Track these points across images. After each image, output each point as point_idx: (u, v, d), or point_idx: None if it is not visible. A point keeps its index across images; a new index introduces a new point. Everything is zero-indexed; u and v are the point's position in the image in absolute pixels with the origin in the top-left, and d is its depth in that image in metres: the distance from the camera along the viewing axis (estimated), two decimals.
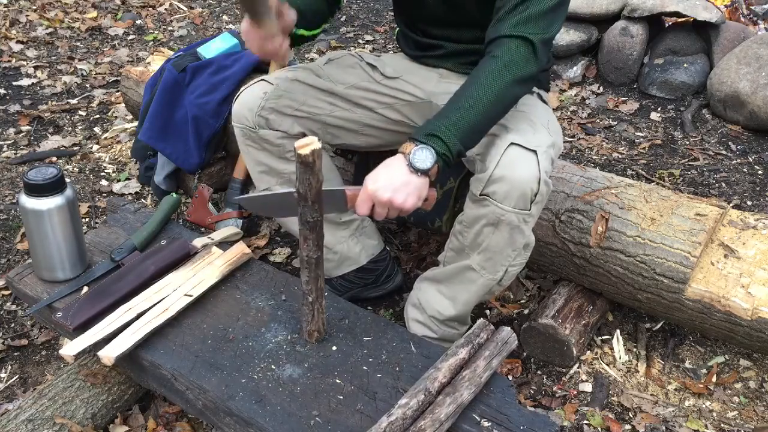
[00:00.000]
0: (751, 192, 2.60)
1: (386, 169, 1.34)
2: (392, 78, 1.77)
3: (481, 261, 1.55)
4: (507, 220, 1.46)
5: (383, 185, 1.32)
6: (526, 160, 1.43)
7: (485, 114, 1.39)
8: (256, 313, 1.54)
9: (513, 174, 1.42)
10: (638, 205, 1.78)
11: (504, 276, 1.58)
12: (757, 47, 3.02)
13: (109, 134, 2.92)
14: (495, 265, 1.55)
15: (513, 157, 1.43)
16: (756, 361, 1.87)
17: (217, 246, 1.72)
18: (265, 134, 1.68)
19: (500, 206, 1.45)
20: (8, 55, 3.55)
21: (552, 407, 1.74)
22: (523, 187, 1.42)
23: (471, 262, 1.57)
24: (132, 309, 1.51)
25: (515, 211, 1.45)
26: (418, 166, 1.32)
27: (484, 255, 1.54)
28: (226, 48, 2.40)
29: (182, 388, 1.41)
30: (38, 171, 1.55)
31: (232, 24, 4.11)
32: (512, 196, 1.43)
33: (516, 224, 1.47)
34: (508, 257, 1.54)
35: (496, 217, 1.46)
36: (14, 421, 1.46)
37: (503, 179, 1.43)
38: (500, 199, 1.44)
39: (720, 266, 1.67)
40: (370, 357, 1.44)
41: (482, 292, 1.62)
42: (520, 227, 1.48)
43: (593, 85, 3.41)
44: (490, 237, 1.50)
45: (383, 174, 1.33)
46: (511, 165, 1.43)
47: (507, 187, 1.43)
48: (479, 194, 1.47)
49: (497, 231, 1.49)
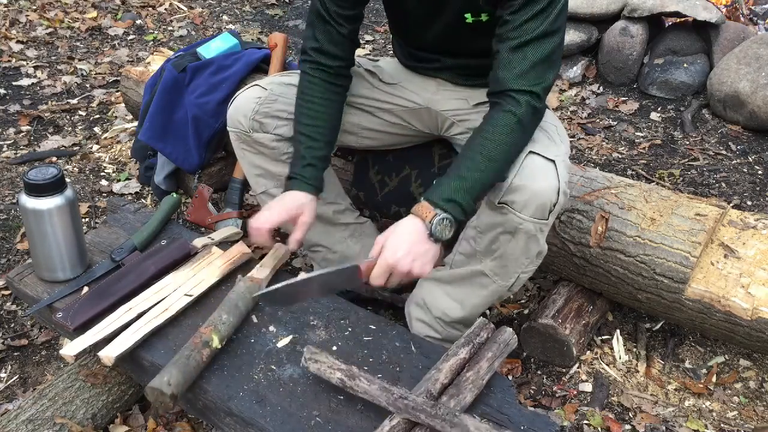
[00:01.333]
0: (751, 192, 2.60)
1: (405, 237, 1.32)
2: (390, 84, 1.77)
3: (495, 267, 1.55)
4: (525, 229, 1.45)
5: (403, 256, 1.30)
6: (546, 170, 1.43)
7: (498, 171, 1.40)
8: (256, 313, 1.54)
9: (533, 184, 1.41)
10: (638, 205, 1.78)
11: (515, 283, 1.58)
12: (757, 47, 3.02)
13: (109, 134, 2.92)
14: (508, 272, 1.55)
15: (533, 166, 1.42)
16: (756, 361, 1.87)
17: (217, 246, 1.72)
18: (260, 137, 1.69)
19: (519, 215, 1.43)
20: (8, 55, 3.55)
21: (552, 407, 1.74)
22: (543, 198, 1.42)
23: (483, 267, 1.56)
24: (132, 309, 1.51)
25: (533, 220, 1.44)
26: (439, 237, 1.32)
27: (498, 262, 1.54)
28: (226, 48, 2.40)
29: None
30: (38, 171, 1.54)
31: (232, 24, 4.11)
32: (531, 206, 1.42)
33: (533, 233, 1.46)
34: (521, 265, 1.54)
35: (513, 225, 1.45)
36: (14, 421, 1.46)
37: (523, 188, 1.41)
38: (519, 209, 1.43)
39: (720, 266, 1.67)
40: (370, 357, 1.44)
41: (493, 298, 1.62)
42: (536, 236, 1.48)
43: (593, 85, 3.41)
44: (506, 245, 1.50)
45: (404, 244, 1.31)
46: (532, 175, 1.42)
47: (527, 197, 1.42)
48: (498, 202, 1.45)
49: (514, 239, 1.48)
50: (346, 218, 1.88)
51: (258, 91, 1.69)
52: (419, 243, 1.31)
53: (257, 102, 1.67)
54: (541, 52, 1.38)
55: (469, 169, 1.36)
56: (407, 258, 1.30)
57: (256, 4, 4.41)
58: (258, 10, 4.33)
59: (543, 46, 1.37)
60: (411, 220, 1.34)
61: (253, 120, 1.67)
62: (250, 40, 3.72)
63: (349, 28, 1.59)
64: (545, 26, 1.36)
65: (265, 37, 3.92)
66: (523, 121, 1.39)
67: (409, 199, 1.87)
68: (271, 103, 1.68)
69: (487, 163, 1.37)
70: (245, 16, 4.25)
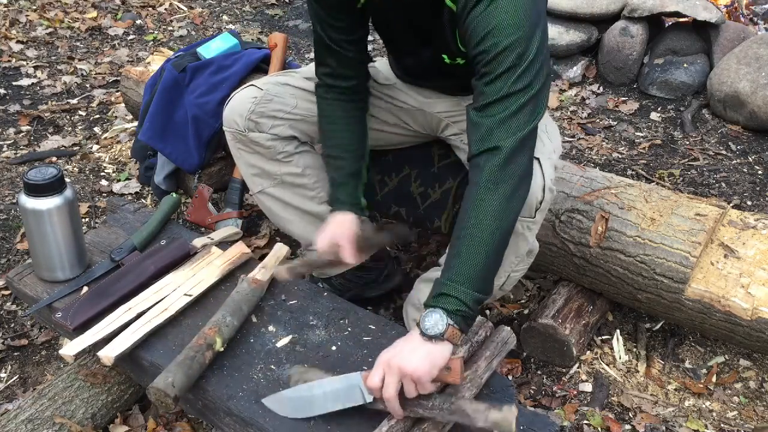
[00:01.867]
0: (751, 192, 2.60)
1: (402, 340, 1.25)
2: (385, 85, 1.77)
3: None
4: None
5: (394, 353, 1.22)
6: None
7: (495, 251, 1.27)
8: (256, 313, 1.54)
9: None
10: (638, 205, 1.78)
11: (506, 282, 1.58)
12: (757, 47, 3.02)
13: (109, 134, 2.92)
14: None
15: None
16: (756, 361, 1.87)
17: (217, 246, 1.72)
18: (255, 137, 1.69)
19: None
20: (8, 55, 3.55)
21: (552, 407, 1.74)
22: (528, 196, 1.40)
23: None
24: (132, 309, 1.51)
25: (519, 218, 1.43)
26: (430, 333, 1.20)
27: None
28: (226, 48, 2.40)
29: None
30: (38, 171, 1.54)
31: (232, 24, 4.11)
32: None
33: (520, 231, 1.46)
34: (511, 264, 1.54)
35: None
36: (14, 421, 1.46)
37: None
38: None
39: (720, 266, 1.67)
40: (370, 357, 1.43)
41: None
42: (524, 234, 1.48)
43: (593, 85, 3.41)
44: None
45: (398, 344, 1.25)
46: None
47: None
48: None
49: None
50: None
51: (254, 91, 1.70)
52: (413, 343, 1.21)
53: (253, 102, 1.68)
54: (507, 110, 1.26)
55: (455, 258, 1.26)
56: (397, 357, 1.21)
57: (256, 4, 4.41)
58: (258, 10, 4.33)
59: (508, 104, 1.25)
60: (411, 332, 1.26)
61: (248, 120, 1.68)
62: (250, 40, 3.72)
63: (355, 49, 1.57)
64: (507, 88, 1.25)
65: (265, 37, 3.92)
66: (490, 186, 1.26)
67: (409, 198, 1.87)
68: (266, 103, 1.68)
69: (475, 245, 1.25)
70: (245, 16, 4.25)
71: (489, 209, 1.25)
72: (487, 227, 1.25)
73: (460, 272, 1.23)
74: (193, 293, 1.55)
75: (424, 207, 1.85)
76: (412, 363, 1.19)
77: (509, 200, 1.27)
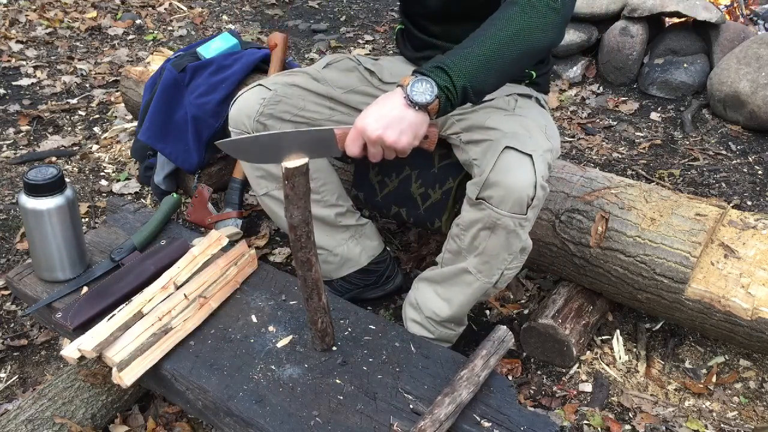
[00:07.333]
0: (751, 192, 2.60)
1: (380, 102, 1.23)
2: (390, 83, 1.76)
3: (478, 264, 1.55)
4: (503, 225, 1.45)
5: (373, 120, 1.20)
6: (522, 164, 1.42)
7: (497, 52, 1.27)
8: (256, 313, 1.54)
9: (508, 179, 1.41)
10: (638, 205, 1.78)
11: (500, 279, 1.57)
12: (757, 47, 3.02)
13: (108, 134, 2.92)
14: (491, 269, 1.55)
15: (508, 161, 1.42)
16: (756, 361, 1.87)
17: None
18: None
19: (496, 210, 1.44)
20: (8, 55, 3.55)
21: (552, 407, 1.74)
22: (518, 193, 1.41)
23: (467, 264, 1.57)
24: (131, 309, 1.50)
25: (511, 215, 1.44)
26: (416, 99, 1.20)
27: (480, 258, 1.54)
28: (225, 48, 2.40)
29: (182, 389, 1.41)
30: (38, 171, 1.54)
31: (232, 24, 4.11)
32: (508, 201, 1.42)
33: (512, 228, 1.46)
34: (504, 261, 1.54)
35: (492, 221, 1.45)
36: (14, 421, 1.46)
37: (498, 184, 1.42)
38: (496, 204, 1.43)
39: (720, 266, 1.67)
40: (370, 357, 1.44)
41: (478, 295, 1.62)
42: (517, 231, 1.48)
43: (593, 85, 3.41)
44: (486, 241, 1.50)
45: (375, 108, 1.22)
46: (507, 169, 1.41)
47: (502, 192, 1.42)
48: (475, 198, 1.46)
49: (493, 235, 1.48)
50: (347, 221, 1.88)
51: (262, 91, 1.68)
52: (393, 108, 1.21)
53: (261, 103, 1.66)
54: None
55: (461, 46, 1.27)
56: (377, 123, 1.20)
57: (256, 4, 4.41)
58: (258, 10, 4.33)
59: None
60: (392, 90, 1.25)
61: (257, 121, 1.66)
62: (250, 40, 3.72)
63: None
64: None
65: (265, 37, 3.92)
66: (530, 10, 1.29)
67: (409, 199, 1.87)
68: (275, 104, 1.67)
69: (482, 38, 1.27)
70: (245, 16, 4.25)
71: (517, 25, 1.28)
72: (505, 36, 1.27)
73: (465, 57, 1.25)
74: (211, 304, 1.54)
75: (424, 207, 1.85)
76: (393, 134, 1.21)
77: (534, 33, 1.30)
